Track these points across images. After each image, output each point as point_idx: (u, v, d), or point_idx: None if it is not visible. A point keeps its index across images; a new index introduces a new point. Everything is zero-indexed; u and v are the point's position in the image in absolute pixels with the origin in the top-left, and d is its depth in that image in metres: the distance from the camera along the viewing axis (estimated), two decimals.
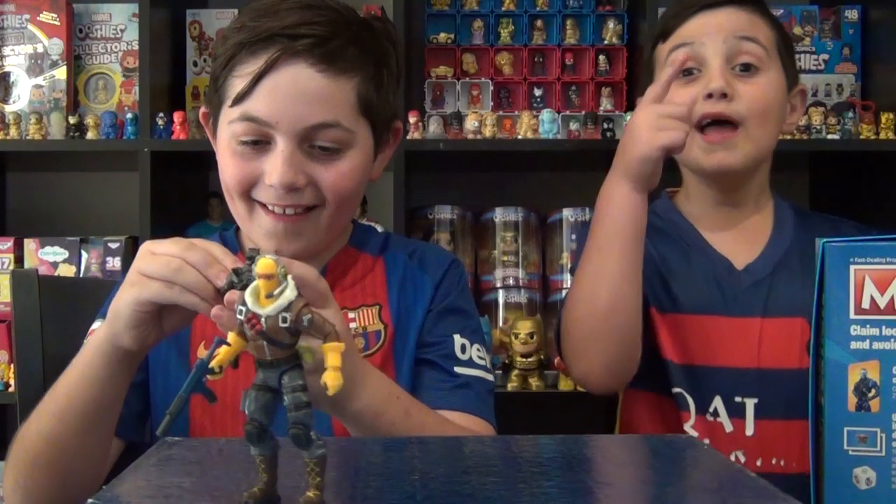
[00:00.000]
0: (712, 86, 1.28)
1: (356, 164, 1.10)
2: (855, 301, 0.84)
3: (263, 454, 0.63)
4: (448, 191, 2.25)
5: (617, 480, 0.73)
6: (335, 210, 1.10)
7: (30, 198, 2.37)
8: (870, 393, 0.83)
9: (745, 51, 1.30)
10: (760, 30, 1.32)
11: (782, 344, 1.30)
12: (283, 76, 1.04)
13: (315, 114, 1.05)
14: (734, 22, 1.31)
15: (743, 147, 1.30)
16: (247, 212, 1.10)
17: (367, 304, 1.16)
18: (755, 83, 1.30)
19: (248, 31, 1.06)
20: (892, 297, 0.84)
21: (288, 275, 0.62)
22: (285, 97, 1.04)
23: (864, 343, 0.84)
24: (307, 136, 1.06)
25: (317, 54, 1.04)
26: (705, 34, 1.31)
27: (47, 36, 2.13)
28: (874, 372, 0.83)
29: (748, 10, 1.33)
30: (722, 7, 1.32)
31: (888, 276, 0.84)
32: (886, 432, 0.83)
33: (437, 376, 1.12)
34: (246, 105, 1.05)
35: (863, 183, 2.08)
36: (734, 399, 1.29)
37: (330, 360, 0.60)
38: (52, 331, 1.31)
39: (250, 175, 1.08)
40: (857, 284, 0.84)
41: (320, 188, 1.08)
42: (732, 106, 1.28)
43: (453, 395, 1.11)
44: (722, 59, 1.29)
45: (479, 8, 2.16)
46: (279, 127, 1.05)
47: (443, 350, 1.14)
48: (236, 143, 1.08)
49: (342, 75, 1.06)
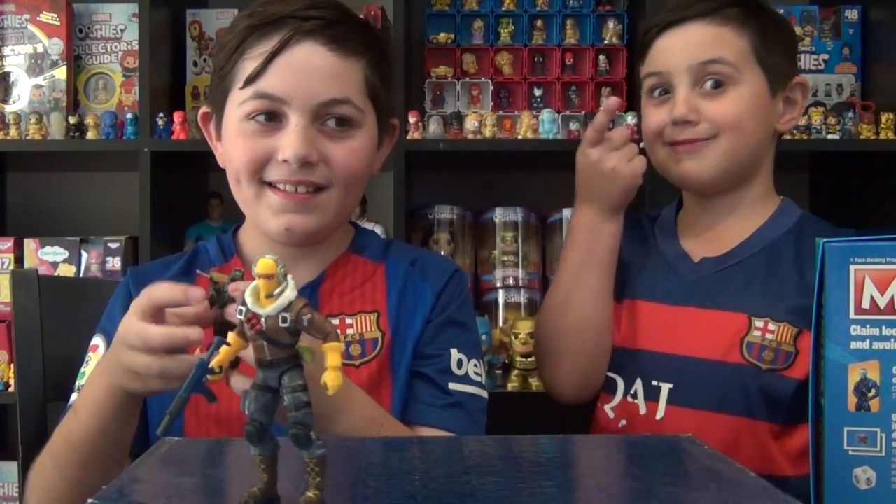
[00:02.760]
0: (675, 114, 1.31)
1: (365, 143, 1.12)
2: (855, 301, 0.84)
3: (263, 454, 0.63)
4: (448, 191, 2.25)
5: (617, 480, 0.73)
6: (344, 191, 1.11)
7: (30, 198, 2.37)
8: (870, 393, 0.83)
9: (711, 72, 1.31)
10: (727, 44, 1.31)
11: (710, 335, 1.31)
12: (297, 54, 1.07)
13: (328, 90, 1.08)
14: (699, 42, 1.32)
15: (713, 158, 1.31)
16: (255, 195, 1.10)
17: (366, 310, 1.15)
18: (723, 101, 1.30)
19: (258, 16, 1.09)
20: (892, 297, 0.84)
21: (288, 275, 0.62)
22: (299, 74, 1.07)
23: (864, 343, 0.84)
24: (320, 113, 1.08)
25: (327, 35, 1.08)
26: (671, 60, 1.33)
27: (47, 36, 2.13)
28: (874, 372, 0.83)
29: (715, 23, 1.32)
30: (687, 23, 1.33)
31: (888, 276, 0.84)
32: (886, 432, 0.83)
33: (431, 392, 1.12)
34: (259, 84, 1.07)
35: (863, 183, 2.08)
36: (651, 382, 1.32)
37: (330, 361, 0.61)
38: (52, 331, 1.31)
39: (262, 153, 1.08)
40: (857, 284, 0.84)
41: (331, 166, 1.09)
42: (698, 130, 1.31)
43: (445, 413, 1.11)
44: (686, 86, 1.31)
45: (479, 8, 2.16)
46: (293, 103, 1.07)
47: (439, 364, 1.14)
48: (247, 122, 1.09)
49: (351, 56, 1.10)
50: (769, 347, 1.28)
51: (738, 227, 1.37)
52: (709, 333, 1.31)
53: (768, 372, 1.28)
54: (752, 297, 1.31)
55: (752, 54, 1.33)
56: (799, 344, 1.28)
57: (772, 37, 1.35)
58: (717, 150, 1.31)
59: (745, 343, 1.29)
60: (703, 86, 1.31)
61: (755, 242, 1.36)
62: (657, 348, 1.33)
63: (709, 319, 1.32)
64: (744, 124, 1.31)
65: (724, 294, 1.32)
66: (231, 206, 1.27)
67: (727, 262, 1.35)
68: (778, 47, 1.36)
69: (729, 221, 1.37)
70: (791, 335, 1.28)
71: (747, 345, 1.29)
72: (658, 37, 1.35)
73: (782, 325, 1.28)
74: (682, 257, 1.38)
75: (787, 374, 1.28)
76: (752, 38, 1.33)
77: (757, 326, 1.29)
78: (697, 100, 1.31)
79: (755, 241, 1.36)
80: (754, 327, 1.29)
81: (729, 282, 1.33)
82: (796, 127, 1.92)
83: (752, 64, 1.33)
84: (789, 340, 1.28)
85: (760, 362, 1.27)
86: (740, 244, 1.36)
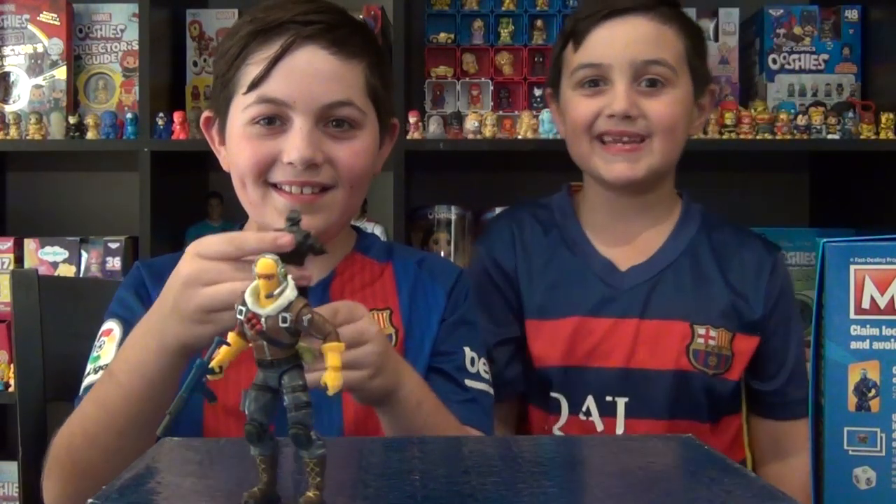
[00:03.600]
0: (616, 108, 1.29)
1: (367, 144, 1.13)
2: (855, 301, 0.84)
3: (263, 454, 0.63)
4: (448, 191, 2.25)
5: (617, 480, 0.73)
6: (349, 191, 1.12)
7: (30, 198, 2.37)
8: (870, 393, 0.83)
9: (652, 72, 1.31)
10: (668, 45, 1.32)
11: (657, 346, 1.32)
12: (299, 58, 1.08)
13: (331, 92, 1.08)
14: (643, 38, 1.31)
15: (647, 160, 1.31)
16: (260, 197, 1.11)
17: (378, 308, 1.16)
18: (661, 100, 1.31)
19: (259, 22, 1.10)
20: (892, 297, 0.84)
21: (288, 275, 0.62)
22: (302, 77, 1.08)
23: (864, 343, 0.84)
24: (323, 115, 1.09)
25: (328, 38, 1.09)
26: (611, 54, 1.30)
27: (47, 36, 2.13)
28: (874, 372, 0.83)
29: (657, 20, 1.32)
30: (629, 14, 1.31)
31: (888, 276, 0.84)
32: (886, 432, 0.83)
33: (450, 388, 1.14)
34: (263, 88, 1.08)
35: (863, 183, 2.08)
36: (605, 398, 1.32)
37: (330, 361, 0.61)
38: (52, 331, 1.31)
39: (267, 155, 1.09)
40: (857, 284, 0.84)
41: (336, 167, 1.10)
42: (636, 125, 1.30)
43: (464, 408, 1.13)
44: (627, 82, 1.30)
45: (479, 8, 2.16)
46: (297, 106, 1.07)
47: (455, 362, 1.16)
48: (251, 126, 1.09)
49: (352, 58, 1.11)
50: (712, 353, 1.32)
51: (654, 229, 1.38)
52: (657, 344, 1.32)
53: (713, 377, 1.32)
54: (688, 303, 1.34)
55: (685, 58, 1.34)
56: (734, 347, 1.34)
57: (697, 40, 1.37)
58: (650, 152, 1.31)
59: (691, 350, 1.32)
60: (640, 83, 1.31)
61: (675, 246, 1.37)
62: (607, 363, 1.32)
63: (653, 330, 1.33)
64: (677, 127, 1.32)
65: (660, 302, 1.34)
66: (231, 207, 1.27)
67: (654, 268, 1.36)
68: (702, 51, 1.38)
69: (642, 224, 1.38)
70: (728, 339, 1.33)
71: (693, 352, 1.32)
72: (596, 26, 1.32)
73: (720, 331, 1.33)
74: (608, 268, 1.36)
75: (726, 377, 1.34)
76: (686, 42, 1.34)
77: (700, 334, 1.32)
78: (636, 96, 1.30)
79: (674, 244, 1.37)
80: (697, 335, 1.32)
81: (663, 288, 1.34)
82: (796, 127, 1.92)
83: (685, 67, 1.34)
84: (727, 345, 1.34)
85: (706, 368, 1.32)
86: (661, 248, 1.37)
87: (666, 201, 1.40)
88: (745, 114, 1.95)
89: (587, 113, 1.32)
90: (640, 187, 1.35)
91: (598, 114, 1.31)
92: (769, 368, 1.38)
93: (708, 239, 1.38)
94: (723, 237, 1.39)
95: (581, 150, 1.35)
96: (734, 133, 1.93)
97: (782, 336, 1.37)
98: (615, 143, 1.31)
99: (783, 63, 2.09)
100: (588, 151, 1.34)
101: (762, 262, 1.37)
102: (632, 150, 1.30)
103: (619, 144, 1.31)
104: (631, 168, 1.31)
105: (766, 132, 1.92)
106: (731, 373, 1.34)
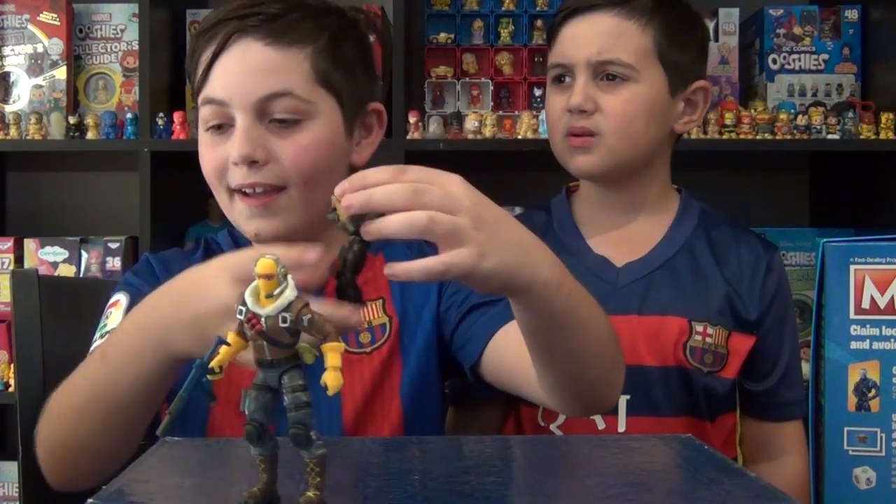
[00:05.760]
0: (572, 102, 1.32)
1: (318, 136, 1.08)
2: (855, 301, 0.84)
3: (263, 454, 0.63)
4: None
5: (617, 480, 0.73)
6: (303, 189, 1.07)
7: (30, 198, 2.36)
8: (870, 393, 0.83)
9: (610, 70, 1.32)
10: (629, 41, 1.31)
11: (655, 342, 1.32)
12: (233, 54, 1.07)
13: (265, 85, 1.06)
14: (601, 35, 1.32)
15: (599, 153, 1.32)
16: (228, 201, 1.11)
17: (371, 298, 1.15)
18: (617, 96, 1.31)
19: (203, 23, 1.11)
20: (892, 297, 0.84)
21: (288, 275, 0.62)
22: (235, 73, 1.07)
23: (864, 343, 0.84)
24: (262, 110, 1.06)
25: (264, 30, 1.07)
26: (570, 53, 1.34)
27: (47, 36, 2.13)
28: (874, 372, 0.83)
29: (621, 16, 1.32)
30: (591, 12, 1.33)
31: (888, 276, 0.84)
32: (886, 432, 0.83)
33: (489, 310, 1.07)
34: (206, 90, 1.08)
35: (863, 183, 2.07)
36: None
37: (330, 360, 0.61)
38: (52, 331, 1.31)
39: (219, 160, 1.08)
40: (857, 284, 0.84)
41: (281, 164, 1.06)
42: (592, 119, 1.32)
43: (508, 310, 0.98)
44: (585, 78, 1.32)
45: (479, 8, 2.16)
46: (233, 103, 1.06)
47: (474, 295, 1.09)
48: (206, 133, 1.09)
49: (292, 46, 1.07)
50: (709, 351, 1.32)
51: (648, 225, 1.38)
52: (655, 340, 1.32)
53: (708, 374, 1.32)
54: (686, 300, 1.33)
55: (653, 52, 1.33)
56: (730, 345, 1.34)
57: (679, 34, 1.35)
58: (603, 147, 1.32)
59: (688, 347, 1.31)
60: (601, 77, 1.32)
61: (672, 242, 1.37)
62: None
63: (652, 326, 1.32)
64: (634, 123, 1.32)
65: (657, 298, 1.33)
66: None
67: (651, 265, 1.36)
68: (685, 45, 1.35)
69: (637, 220, 1.38)
70: (724, 337, 1.33)
71: (690, 349, 1.32)
72: (563, 24, 1.36)
73: (717, 329, 1.33)
74: (603, 264, 1.36)
75: (721, 374, 1.34)
76: (657, 35, 1.33)
77: (697, 331, 1.32)
78: (595, 90, 1.32)
79: (671, 240, 1.37)
80: (695, 332, 1.32)
81: (659, 284, 1.34)
82: (796, 127, 1.92)
83: (653, 62, 1.33)
84: (723, 343, 1.34)
85: (703, 365, 1.32)
86: (658, 245, 1.37)
87: (660, 197, 1.40)
88: (745, 114, 1.95)
89: (557, 108, 1.36)
90: (608, 180, 1.36)
91: (565, 109, 1.34)
92: (761, 368, 1.38)
93: (706, 236, 1.38)
94: (720, 234, 1.39)
95: (555, 145, 1.38)
96: (734, 133, 1.93)
97: (776, 336, 1.37)
98: (574, 137, 1.34)
99: (783, 63, 2.09)
100: (560, 146, 1.37)
101: (758, 260, 1.37)
102: (583, 143, 1.33)
103: (574, 137, 1.34)
104: (586, 161, 1.33)
105: (766, 132, 1.92)
106: (727, 371, 1.34)
